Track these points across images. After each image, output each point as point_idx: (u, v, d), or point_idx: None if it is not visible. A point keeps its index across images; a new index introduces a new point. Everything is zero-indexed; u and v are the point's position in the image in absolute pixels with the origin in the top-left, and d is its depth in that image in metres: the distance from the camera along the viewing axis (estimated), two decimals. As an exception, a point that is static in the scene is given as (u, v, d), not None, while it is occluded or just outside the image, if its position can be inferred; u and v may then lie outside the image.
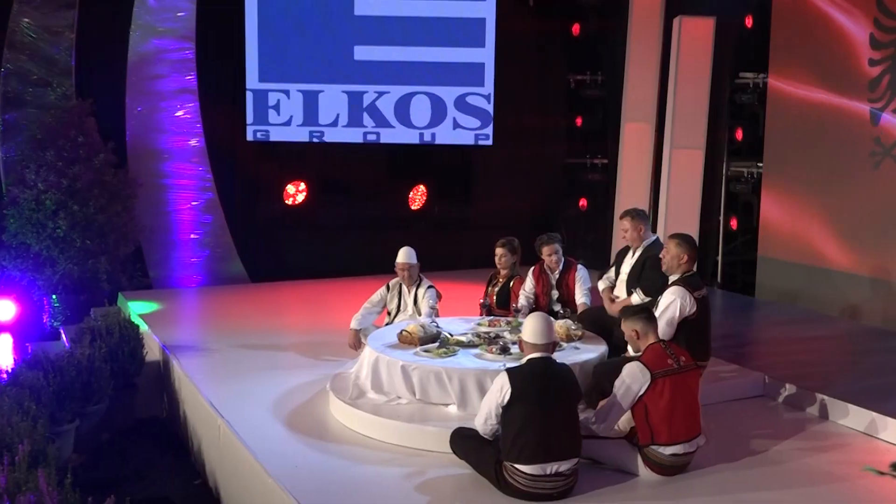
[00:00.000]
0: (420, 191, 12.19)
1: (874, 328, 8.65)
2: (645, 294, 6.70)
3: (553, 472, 4.91)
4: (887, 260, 8.80)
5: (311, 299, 10.40)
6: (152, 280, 11.12)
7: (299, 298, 10.53)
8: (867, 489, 5.27)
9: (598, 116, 12.19)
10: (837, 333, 8.55)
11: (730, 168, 10.70)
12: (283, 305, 10.23)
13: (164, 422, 7.99)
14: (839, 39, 9.20)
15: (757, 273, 10.18)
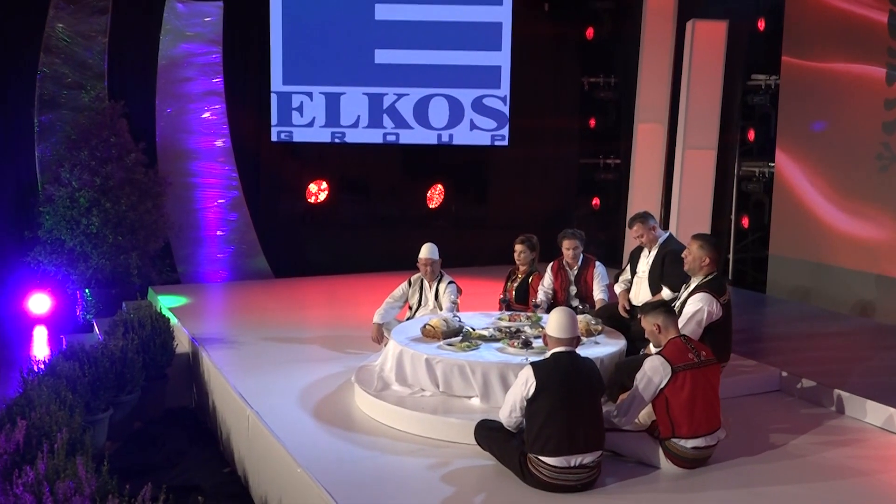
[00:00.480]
0: (438, 190, 12.10)
1: (886, 325, 8.49)
2: (672, 290, 6.57)
3: (577, 465, 4.79)
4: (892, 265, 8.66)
5: (332, 294, 10.31)
6: (180, 275, 11.06)
7: (321, 293, 10.44)
8: (888, 483, 5.13)
9: (612, 118, 12.06)
10: (850, 330, 8.37)
11: (741, 168, 10.55)
12: (305, 300, 10.14)
13: (193, 411, 7.91)
14: (854, 41, 9.04)
15: (768, 270, 10.03)
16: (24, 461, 4.93)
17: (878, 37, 8.76)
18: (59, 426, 5.19)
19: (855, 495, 4.97)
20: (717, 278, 6.03)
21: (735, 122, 10.51)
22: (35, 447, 5.03)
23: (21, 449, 5.01)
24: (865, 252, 8.93)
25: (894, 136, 8.65)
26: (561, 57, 12.06)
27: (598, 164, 12.13)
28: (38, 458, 4.74)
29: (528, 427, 4.87)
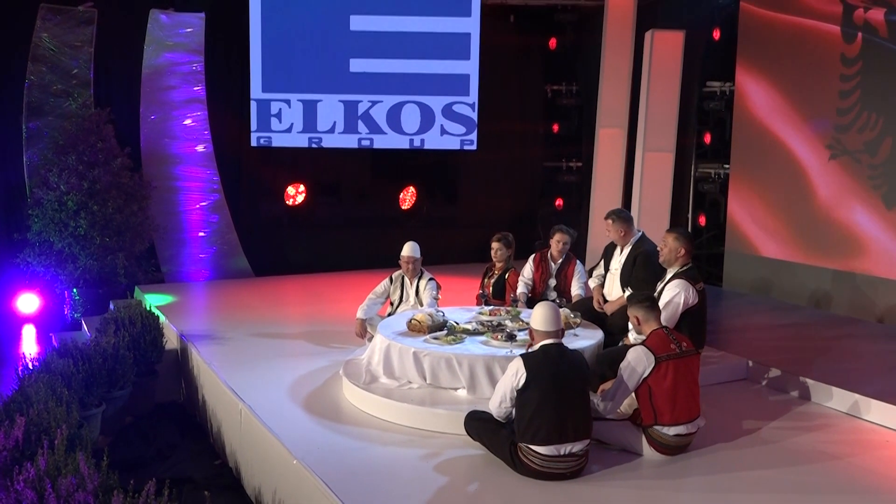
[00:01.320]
0: (410, 192, 11.90)
1: (841, 316, 8.46)
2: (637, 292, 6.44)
3: (566, 453, 4.64)
4: (849, 253, 8.63)
5: (311, 292, 10.05)
6: (164, 275, 10.73)
7: (301, 291, 10.18)
8: (860, 467, 5.05)
9: (574, 123, 11.96)
10: (807, 321, 8.32)
11: (698, 169, 10.50)
12: (286, 297, 9.89)
13: (182, 406, 7.63)
14: (806, 50, 9.01)
15: (724, 266, 9.99)
16: (23, 457, 4.66)
17: (831, 44, 8.75)
18: (58, 422, 4.92)
19: (830, 479, 4.86)
20: (692, 268, 5.92)
21: (692, 126, 10.45)
22: (35, 443, 4.76)
23: (20, 445, 4.73)
24: (817, 248, 8.91)
25: (847, 134, 8.64)
26: (526, 66, 11.93)
27: (560, 167, 12.02)
28: (38, 454, 4.48)
29: (519, 417, 4.71)
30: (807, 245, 9.02)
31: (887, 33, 8.25)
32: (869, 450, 5.30)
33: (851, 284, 8.58)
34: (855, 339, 7.58)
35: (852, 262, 8.59)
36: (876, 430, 5.65)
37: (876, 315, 8.35)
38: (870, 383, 6.13)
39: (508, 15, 11.65)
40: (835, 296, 8.73)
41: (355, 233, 11.55)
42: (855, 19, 8.48)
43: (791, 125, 9.19)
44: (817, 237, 8.89)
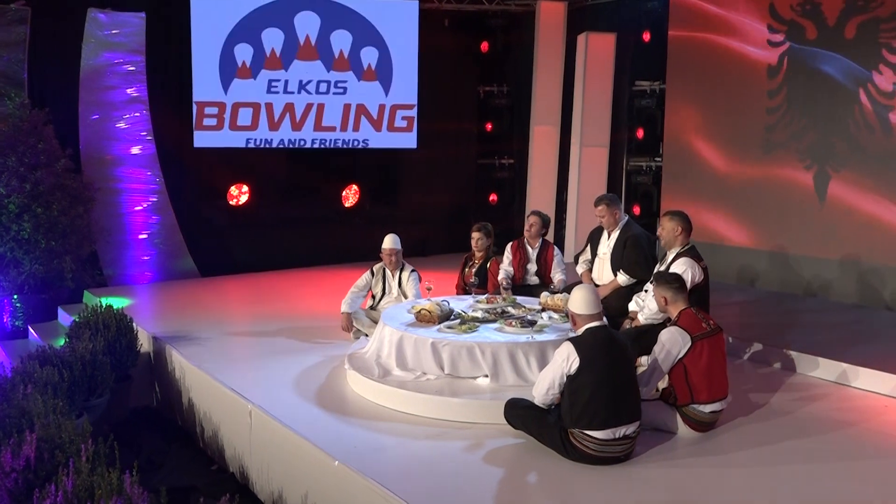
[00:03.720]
0: (353, 190, 11.19)
1: (774, 292, 8.40)
2: (631, 275, 6.09)
3: (621, 436, 4.20)
4: (778, 234, 8.60)
5: (270, 290, 9.22)
6: (107, 278, 9.65)
7: (257, 289, 9.32)
8: (876, 432, 4.85)
9: (506, 122, 11.55)
10: (750, 299, 8.21)
11: (629, 163, 10.30)
12: (246, 296, 9.05)
13: (157, 411, 6.76)
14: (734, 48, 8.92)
15: (658, 251, 9.80)
16: (38, 479, 3.81)
17: (758, 43, 8.69)
18: (71, 436, 4.08)
19: (855, 445, 4.64)
20: (693, 246, 5.59)
21: (623, 122, 10.25)
22: (48, 462, 3.91)
23: (32, 465, 3.87)
24: (748, 230, 8.84)
25: (775, 129, 8.60)
26: (460, 68, 11.44)
27: (494, 164, 11.61)
28: (60, 472, 3.66)
29: (571, 403, 4.21)
30: (739, 228, 8.94)
31: (814, 33, 8.25)
32: (874, 415, 5.12)
33: (783, 263, 8.54)
34: (806, 314, 7.48)
35: (784, 242, 8.56)
36: (869, 396, 5.49)
37: (806, 290, 8.34)
38: (846, 353, 5.98)
39: (443, 19, 11.13)
40: (766, 275, 8.68)
41: (300, 231, 10.78)
42: (781, 14, 8.45)
43: (726, 115, 9.09)
44: (751, 221, 8.82)
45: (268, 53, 10.24)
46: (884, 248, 7.73)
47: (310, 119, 10.50)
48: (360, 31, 10.49)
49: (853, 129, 7.94)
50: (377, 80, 10.66)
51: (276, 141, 10.42)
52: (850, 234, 8.00)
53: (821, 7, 8.14)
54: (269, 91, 10.31)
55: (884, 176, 7.73)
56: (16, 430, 4.15)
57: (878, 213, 7.78)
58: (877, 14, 7.72)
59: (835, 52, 8.04)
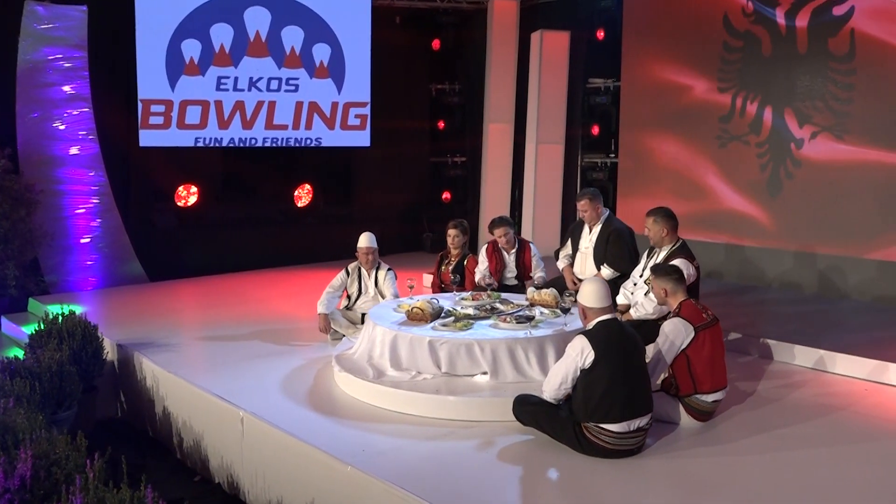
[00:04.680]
0: (306, 189, 10.94)
1: (736, 284, 8.58)
2: (615, 269, 6.10)
3: (635, 428, 4.19)
4: (735, 227, 8.79)
5: (227, 293, 8.89)
6: (49, 285, 9.15)
7: (214, 293, 8.97)
8: (863, 415, 4.98)
9: (457, 120, 11.50)
10: (714, 291, 8.30)
11: (584, 159, 10.39)
12: (204, 300, 8.69)
13: (124, 422, 6.43)
14: (689, 47, 9.08)
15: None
16: (34, 498, 3.54)
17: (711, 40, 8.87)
18: (67, 452, 3.81)
19: (846, 429, 4.75)
20: (685, 244, 5.64)
21: (578, 119, 10.32)
22: (44, 480, 3.64)
23: (28, 484, 3.59)
24: (707, 225, 9.01)
25: (730, 123, 8.79)
26: (412, 66, 11.32)
27: (446, 162, 11.54)
28: (63, 491, 3.40)
29: (586, 396, 4.17)
30: (695, 222, 9.10)
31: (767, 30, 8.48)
32: (857, 399, 5.26)
33: (741, 256, 8.75)
34: (771, 304, 7.67)
35: (741, 235, 8.76)
36: (848, 381, 5.64)
37: (764, 281, 8.56)
38: (820, 340, 6.14)
39: (394, 16, 10.99)
40: (725, 267, 8.87)
41: (252, 232, 10.47)
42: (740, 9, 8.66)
43: (677, 115, 9.24)
44: (709, 216, 9.00)
45: (217, 50, 9.90)
46: (839, 240, 7.99)
47: (261, 117, 10.20)
48: (311, 27, 10.26)
49: (807, 119, 8.18)
50: (330, 78, 10.44)
51: (227, 140, 10.09)
52: (805, 225, 8.25)
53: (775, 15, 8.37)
54: (218, 88, 9.97)
55: (838, 169, 7.99)
56: (22, 448, 3.84)
57: (831, 205, 8.04)
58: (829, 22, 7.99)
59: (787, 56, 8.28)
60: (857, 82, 7.79)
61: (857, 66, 7.76)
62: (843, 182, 7.95)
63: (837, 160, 7.98)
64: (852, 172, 7.87)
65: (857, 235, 7.83)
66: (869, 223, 7.75)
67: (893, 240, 7.58)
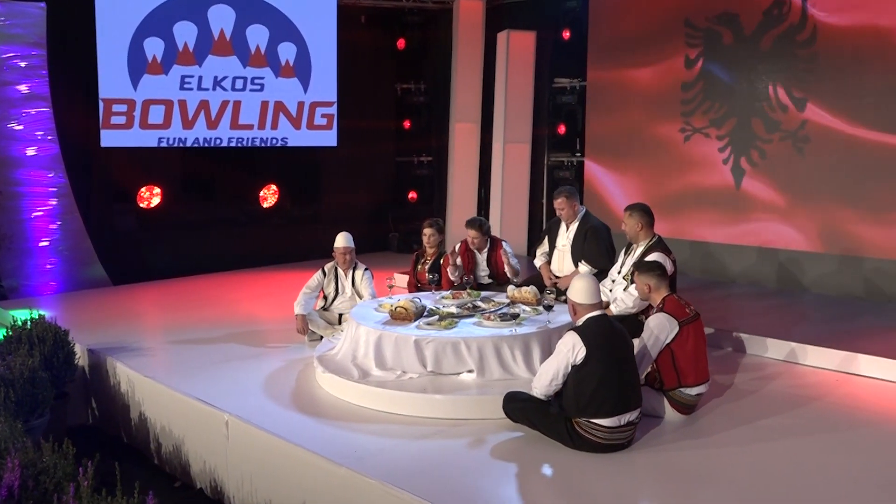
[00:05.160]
0: (272, 190, 10.81)
1: (700, 280, 8.72)
2: (592, 265, 6.16)
3: (626, 423, 4.23)
4: (698, 224, 8.95)
5: (195, 295, 8.72)
6: (7, 290, 8.89)
7: (181, 296, 8.79)
8: (836, 404, 5.12)
9: (423, 119, 11.49)
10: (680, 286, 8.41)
11: (550, 158, 10.46)
12: (173, 302, 8.49)
13: (95, 428, 6.28)
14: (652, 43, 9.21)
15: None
16: (24, 510, 3.44)
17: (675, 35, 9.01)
18: (55, 460, 3.70)
19: (822, 419, 4.86)
20: (661, 239, 5.71)
21: (544, 119, 10.39)
22: (33, 490, 3.53)
23: (16, 495, 3.48)
24: (671, 221, 9.15)
25: (693, 117, 8.94)
26: (377, 65, 11.27)
27: (412, 162, 11.52)
28: (56, 500, 3.31)
29: (577, 392, 4.20)
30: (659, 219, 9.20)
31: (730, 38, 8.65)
32: (830, 390, 5.40)
33: (703, 251, 8.91)
34: (737, 299, 7.82)
35: (703, 231, 8.92)
36: (818, 372, 5.78)
37: (727, 276, 8.73)
38: (789, 333, 6.29)
39: (360, 16, 10.93)
40: (688, 263, 9.01)
41: (218, 234, 10.32)
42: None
43: (642, 114, 9.37)
44: (673, 212, 9.13)
45: (180, 48, 9.72)
46: (798, 235, 8.20)
47: (226, 117, 10.05)
48: (277, 26, 10.14)
49: (768, 116, 8.37)
50: (296, 77, 10.34)
51: (191, 140, 9.92)
52: (766, 221, 8.43)
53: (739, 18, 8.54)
54: (182, 88, 9.79)
55: (795, 164, 8.20)
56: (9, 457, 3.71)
57: (791, 201, 8.24)
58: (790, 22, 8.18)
59: (749, 53, 8.46)
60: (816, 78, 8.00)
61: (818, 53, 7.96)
62: (804, 180, 8.15)
63: (799, 157, 8.18)
64: (813, 171, 8.08)
65: (815, 232, 8.04)
66: (828, 220, 7.97)
67: (850, 236, 7.80)
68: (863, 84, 7.67)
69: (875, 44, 7.57)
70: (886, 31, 7.51)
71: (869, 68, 7.62)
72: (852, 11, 7.72)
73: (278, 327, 6.94)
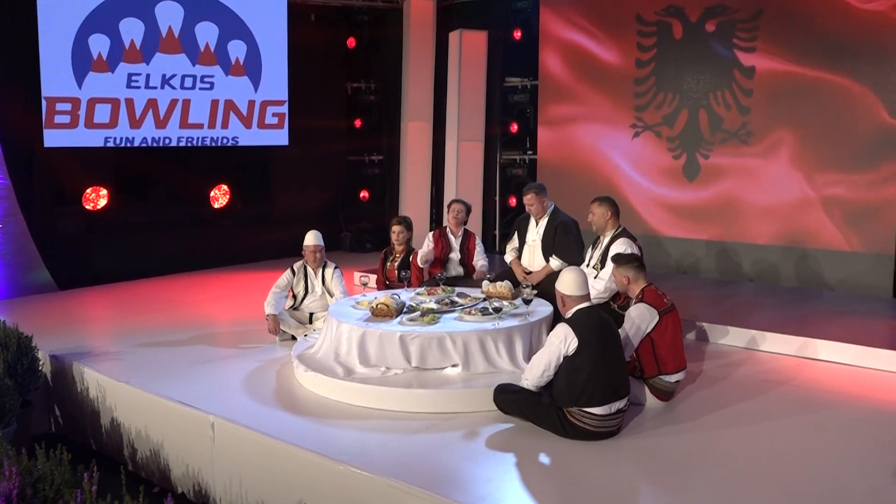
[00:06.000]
0: (223, 190, 10.61)
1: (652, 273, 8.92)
2: (563, 259, 6.27)
3: (615, 410, 4.35)
4: (648, 218, 9.20)
5: (150, 299, 8.47)
6: (-56, 297, 8.52)
7: (134, 299, 8.51)
8: (801, 388, 5.35)
9: (374, 118, 11.45)
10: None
11: (502, 156, 10.57)
12: (128, 306, 8.21)
13: (61, 437, 6.06)
14: (605, 44, 9.41)
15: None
16: (25, 519, 3.32)
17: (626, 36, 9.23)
18: (52, 467, 3.58)
19: (788, 402, 5.08)
20: (625, 230, 5.87)
21: (496, 118, 10.49)
22: (31, 497, 3.42)
23: (14, 502, 3.35)
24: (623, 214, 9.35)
25: (644, 113, 9.18)
26: (327, 64, 11.18)
27: (363, 161, 11.48)
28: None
29: (570, 382, 4.30)
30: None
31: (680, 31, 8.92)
32: (793, 375, 5.64)
33: (654, 244, 9.16)
34: (689, 289, 8.05)
35: (654, 224, 9.17)
36: (779, 358, 6.04)
37: (676, 269, 9.01)
38: (747, 321, 6.54)
39: (309, 14, 10.83)
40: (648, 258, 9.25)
41: (167, 236, 10.07)
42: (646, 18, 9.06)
43: (594, 111, 9.57)
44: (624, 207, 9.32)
45: (127, 45, 9.46)
46: (741, 227, 8.53)
47: (175, 116, 9.83)
48: (226, 23, 9.97)
49: (717, 113, 8.67)
50: (246, 75, 10.19)
51: (139, 139, 9.66)
52: (713, 214, 8.74)
53: (685, 10, 8.82)
54: (129, 86, 9.53)
55: (742, 161, 8.52)
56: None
57: (737, 195, 8.57)
58: (734, 17, 8.49)
59: (699, 47, 8.74)
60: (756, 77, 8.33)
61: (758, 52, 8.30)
62: (747, 177, 8.49)
63: (744, 152, 8.51)
64: (755, 168, 8.43)
65: (757, 225, 8.38)
66: (766, 216, 8.32)
67: (792, 227, 8.16)
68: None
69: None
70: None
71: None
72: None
73: (244, 329, 6.85)
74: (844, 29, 7.76)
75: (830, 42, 7.85)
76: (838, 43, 7.81)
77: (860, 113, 7.74)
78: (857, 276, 7.79)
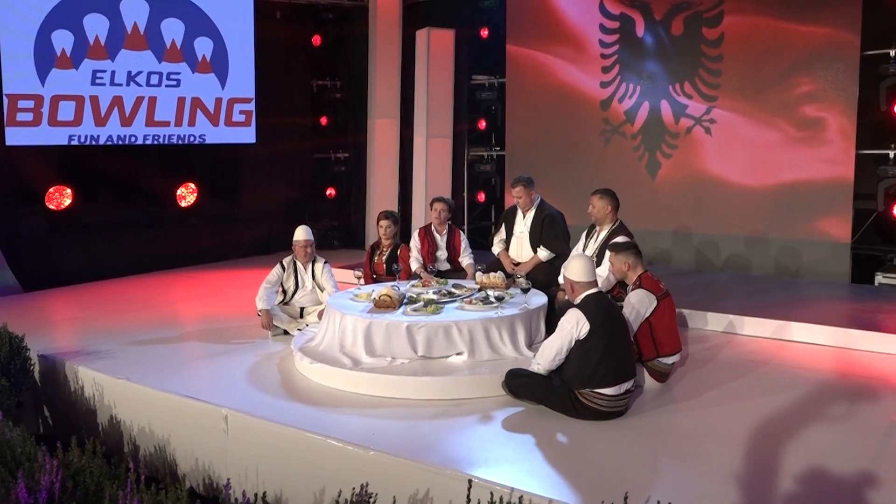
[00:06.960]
0: (190, 188, 10.49)
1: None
2: (551, 250, 6.45)
3: (624, 391, 4.54)
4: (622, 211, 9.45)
5: (125, 298, 8.30)
6: None
7: (108, 299, 8.32)
8: (784, 367, 5.65)
9: (340, 116, 11.46)
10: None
11: (470, 152, 10.73)
12: (104, 306, 8.04)
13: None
14: (570, 41, 9.65)
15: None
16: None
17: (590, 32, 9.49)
18: (88, 460, 3.58)
19: (775, 381, 5.35)
20: (622, 224, 6.07)
21: (463, 115, 10.63)
22: (72, 490, 3.41)
23: (56, 496, 3.35)
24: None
25: (609, 111, 9.45)
26: (293, 61, 11.14)
27: (330, 158, 11.47)
28: (108, 498, 3.23)
29: (581, 365, 4.46)
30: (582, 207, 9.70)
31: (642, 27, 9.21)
32: (773, 356, 5.94)
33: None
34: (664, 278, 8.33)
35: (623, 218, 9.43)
36: (757, 340, 6.35)
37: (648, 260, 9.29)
38: (722, 306, 6.84)
39: (275, 11, 10.78)
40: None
41: (134, 235, 9.92)
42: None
43: (564, 108, 9.79)
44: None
45: (91, 41, 9.30)
46: (711, 219, 8.87)
47: (141, 113, 9.70)
48: (192, 20, 9.88)
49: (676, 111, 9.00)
50: (213, 73, 10.11)
51: (104, 137, 9.51)
52: (680, 207, 9.07)
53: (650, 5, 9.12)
54: (93, 83, 9.37)
55: (706, 154, 8.86)
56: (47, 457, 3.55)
57: (703, 188, 8.91)
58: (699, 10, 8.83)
59: (660, 47, 9.05)
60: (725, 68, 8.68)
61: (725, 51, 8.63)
62: (711, 170, 8.83)
63: (709, 146, 8.85)
64: (720, 160, 8.77)
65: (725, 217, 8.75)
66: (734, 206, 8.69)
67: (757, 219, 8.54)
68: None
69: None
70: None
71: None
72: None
73: (231, 325, 6.84)
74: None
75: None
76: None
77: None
78: (818, 264, 8.19)
